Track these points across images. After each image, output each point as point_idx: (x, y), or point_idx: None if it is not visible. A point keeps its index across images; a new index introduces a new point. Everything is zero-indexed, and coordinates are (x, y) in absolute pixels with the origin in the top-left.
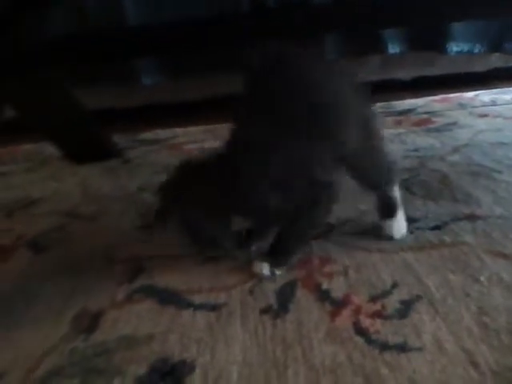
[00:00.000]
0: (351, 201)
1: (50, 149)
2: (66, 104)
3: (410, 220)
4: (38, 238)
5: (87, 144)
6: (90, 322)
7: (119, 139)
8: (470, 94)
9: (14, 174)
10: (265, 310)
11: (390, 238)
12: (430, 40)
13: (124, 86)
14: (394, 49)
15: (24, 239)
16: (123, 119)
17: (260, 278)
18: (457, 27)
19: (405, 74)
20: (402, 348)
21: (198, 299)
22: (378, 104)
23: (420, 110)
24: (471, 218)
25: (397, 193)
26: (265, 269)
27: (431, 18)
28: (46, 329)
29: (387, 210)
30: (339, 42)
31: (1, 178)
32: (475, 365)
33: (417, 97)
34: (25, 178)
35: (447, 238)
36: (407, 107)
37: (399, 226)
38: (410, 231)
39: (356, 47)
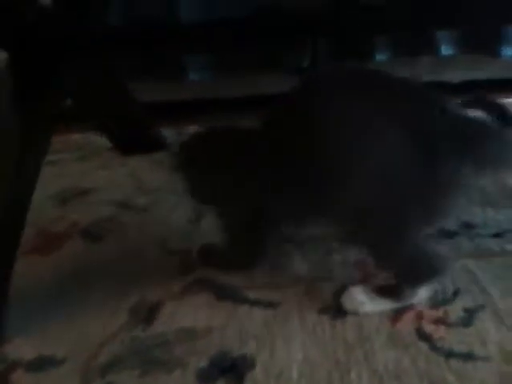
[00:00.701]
0: None
1: (99, 139)
2: (119, 95)
3: (468, 226)
4: (90, 227)
5: (137, 135)
6: (148, 313)
7: (166, 133)
8: None
9: (65, 163)
10: (323, 311)
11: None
12: (484, 42)
13: (172, 80)
14: (446, 50)
15: (77, 227)
16: (170, 113)
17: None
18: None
19: (454, 76)
20: (469, 356)
21: (252, 295)
22: None
23: None
24: None
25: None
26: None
27: (485, 20)
28: (104, 317)
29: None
30: (391, 42)
31: (53, 167)
32: None
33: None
34: (76, 167)
35: (509, 246)
36: None
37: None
38: (469, 238)
39: (409, 48)
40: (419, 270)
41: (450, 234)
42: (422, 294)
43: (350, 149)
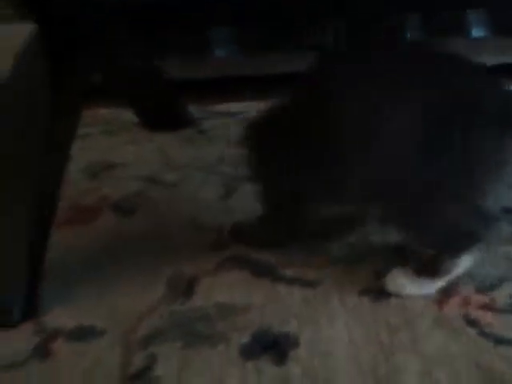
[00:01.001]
0: None
1: (127, 114)
2: (147, 70)
3: (509, 211)
4: (121, 202)
5: (164, 112)
6: (186, 287)
7: (193, 110)
8: None
9: (93, 137)
10: (363, 292)
11: None
12: None
13: (197, 57)
14: (477, 32)
15: (108, 201)
16: (197, 90)
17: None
18: None
19: (486, 59)
20: None
21: (289, 274)
22: None
23: None
24: None
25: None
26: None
27: None
28: (139, 291)
29: None
30: (422, 22)
31: (81, 141)
32: None
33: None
34: (104, 142)
35: None
36: None
37: None
38: (509, 223)
39: (439, 29)
40: (457, 237)
41: (489, 219)
42: (463, 265)
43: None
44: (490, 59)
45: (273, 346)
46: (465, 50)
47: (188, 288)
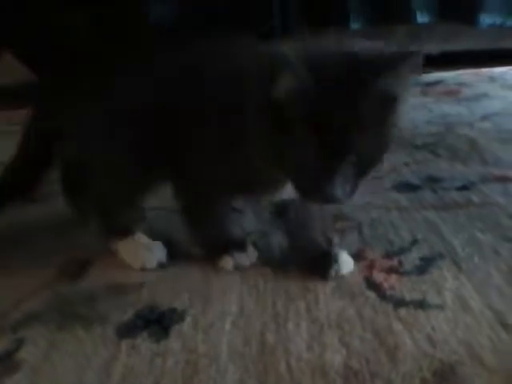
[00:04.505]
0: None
1: None
2: None
3: (434, 180)
4: None
5: None
6: (77, 269)
7: None
8: (502, 69)
9: None
10: (266, 262)
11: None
12: (461, 10)
13: None
14: (422, 18)
15: None
16: None
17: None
18: None
19: (432, 47)
20: (420, 304)
21: (195, 252)
22: None
23: (449, 81)
24: (502, 179)
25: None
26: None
27: None
28: (29, 274)
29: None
30: (365, 10)
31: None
32: (505, 326)
33: (444, 71)
34: None
35: (475, 198)
36: (435, 79)
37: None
38: (433, 190)
39: (383, 16)
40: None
41: (411, 187)
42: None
43: None
44: (435, 46)
45: (157, 322)
46: (409, 37)
47: (80, 270)
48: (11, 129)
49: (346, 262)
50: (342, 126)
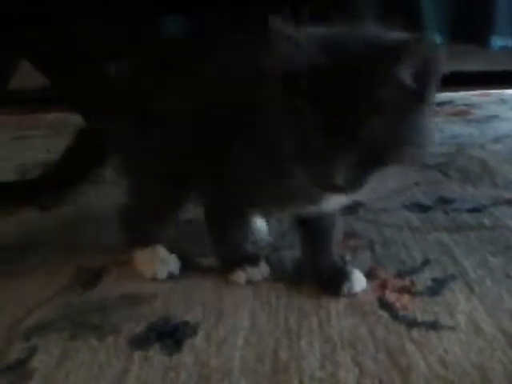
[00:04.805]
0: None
1: (75, 118)
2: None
3: (445, 201)
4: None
5: None
6: (91, 278)
7: None
8: None
9: (35, 139)
10: (279, 279)
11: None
12: (473, 32)
13: None
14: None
15: None
16: None
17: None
18: (503, 20)
19: (443, 67)
20: (432, 326)
21: (206, 263)
22: None
23: (458, 102)
24: None
25: None
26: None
27: None
28: (42, 282)
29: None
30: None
31: (22, 142)
32: None
33: (454, 91)
34: (46, 143)
35: (487, 221)
36: (444, 99)
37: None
38: (445, 211)
39: None
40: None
41: (423, 208)
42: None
43: None
44: (445, 66)
45: (170, 335)
46: None
47: (93, 279)
48: (22, 133)
49: (358, 280)
50: (347, 108)
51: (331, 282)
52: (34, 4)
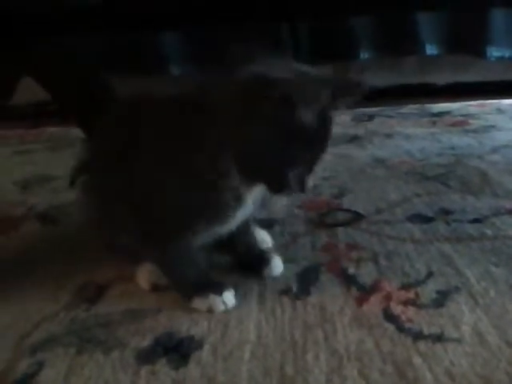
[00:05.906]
0: (380, 191)
1: (74, 131)
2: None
3: (447, 212)
4: (48, 211)
5: None
6: (94, 293)
7: None
8: (510, 101)
9: (36, 152)
10: (284, 292)
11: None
12: (470, 43)
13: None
14: (431, 50)
15: (34, 211)
16: None
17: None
18: (499, 30)
19: (440, 78)
20: (438, 338)
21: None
22: (412, 106)
23: (456, 112)
24: None
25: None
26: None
27: None
28: (47, 296)
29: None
30: (375, 41)
31: (22, 155)
32: None
33: (451, 102)
34: (46, 157)
35: (489, 231)
36: (442, 110)
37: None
38: (447, 222)
39: (393, 47)
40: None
41: (425, 219)
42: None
43: None
44: (444, 77)
45: (175, 349)
46: (418, 68)
47: (97, 294)
48: (24, 148)
49: (277, 265)
50: None
51: (254, 267)
52: (35, 17)
